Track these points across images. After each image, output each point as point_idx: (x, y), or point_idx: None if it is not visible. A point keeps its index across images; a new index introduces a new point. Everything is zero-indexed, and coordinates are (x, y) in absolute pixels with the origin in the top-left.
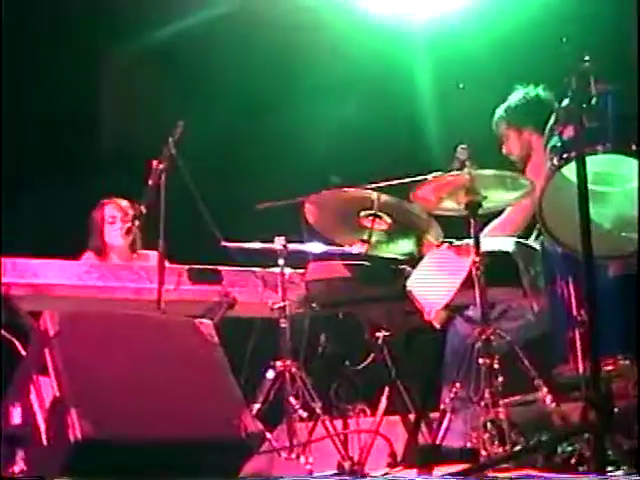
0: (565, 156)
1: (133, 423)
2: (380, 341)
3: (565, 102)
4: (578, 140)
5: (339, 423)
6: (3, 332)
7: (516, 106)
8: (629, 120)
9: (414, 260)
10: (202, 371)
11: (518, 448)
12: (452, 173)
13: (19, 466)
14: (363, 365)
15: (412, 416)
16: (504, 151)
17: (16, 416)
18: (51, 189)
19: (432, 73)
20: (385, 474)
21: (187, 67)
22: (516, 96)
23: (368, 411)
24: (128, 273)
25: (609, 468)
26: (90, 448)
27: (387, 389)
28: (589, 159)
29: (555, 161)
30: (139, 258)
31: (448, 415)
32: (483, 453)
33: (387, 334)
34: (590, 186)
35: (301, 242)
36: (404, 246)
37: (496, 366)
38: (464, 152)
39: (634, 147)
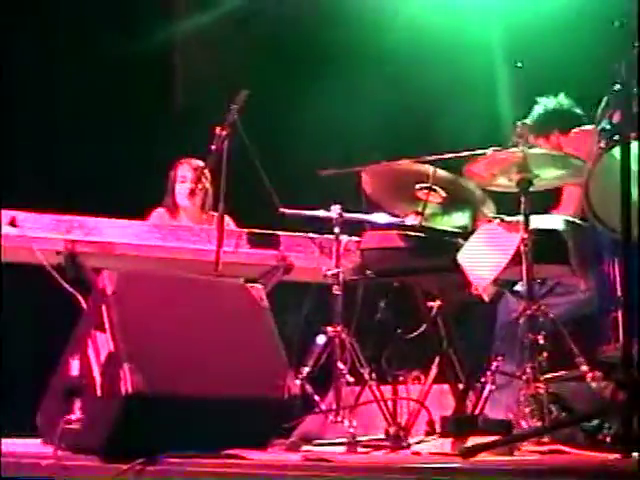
0: (613, 139)
1: (181, 380)
2: (433, 311)
3: (616, 87)
4: (626, 124)
5: (388, 389)
6: (69, 287)
7: (539, 117)
8: None
9: (468, 233)
10: (249, 333)
11: (548, 424)
12: (504, 150)
13: (76, 415)
14: (415, 334)
15: (461, 386)
16: None
17: (75, 368)
18: (123, 143)
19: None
20: (420, 442)
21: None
22: (538, 109)
23: (422, 378)
24: (189, 234)
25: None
26: (141, 401)
27: (438, 358)
28: (636, 144)
29: (603, 144)
30: (208, 219)
31: (488, 387)
32: (522, 426)
33: (440, 304)
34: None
35: (358, 211)
36: (459, 219)
37: (541, 342)
38: (523, 128)
39: None
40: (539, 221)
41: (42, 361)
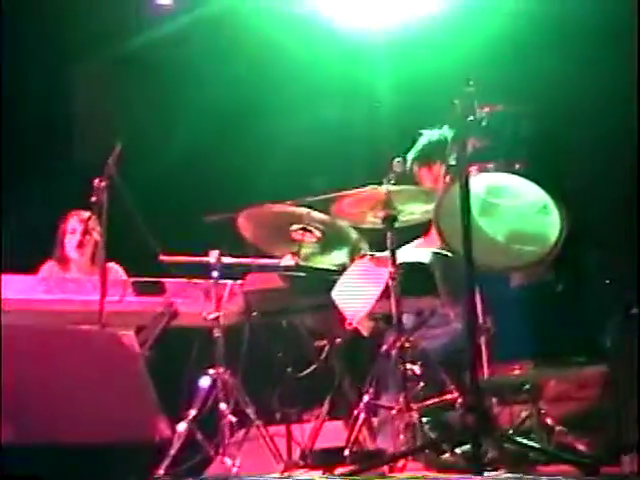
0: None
1: (52, 429)
2: (324, 349)
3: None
4: (459, 162)
5: (275, 429)
6: None
7: (423, 148)
8: (523, 139)
9: (343, 270)
10: (121, 380)
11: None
12: (367, 189)
13: None
14: (306, 372)
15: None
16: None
17: None
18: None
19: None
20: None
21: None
22: (423, 140)
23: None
24: (75, 285)
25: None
26: (14, 450)
27: (330, 396)
28: (482, 175)
29: (448, 179)
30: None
31: (361, 419)
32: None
33: (328, 342)
34: (483, 199)
35: (245, 255)
36: (337, 257)
37: (417, 372)
38: (399, 165)
39: (517, 166)
40: (408, 255)
41: None
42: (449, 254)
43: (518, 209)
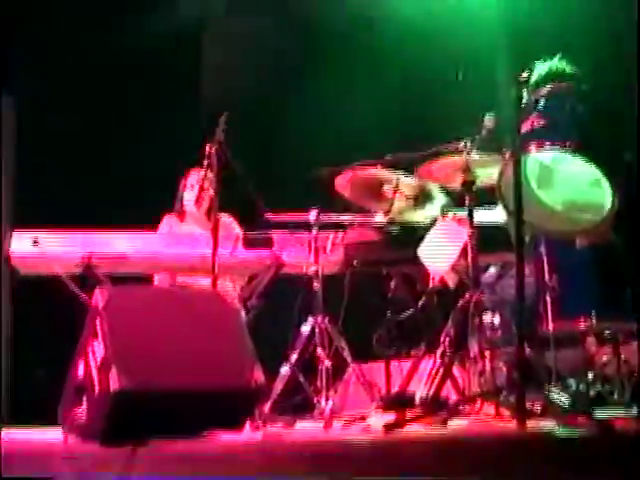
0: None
1: (162, 376)
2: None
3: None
4: (514, 141)
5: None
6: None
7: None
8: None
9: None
10: (220, 333)
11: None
12: (449, 157)
13: (83, 409)
14: (402, 317)
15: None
16: None
17: (80, 370)
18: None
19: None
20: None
21: None
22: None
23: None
24: (191, 240)
25: None
26: (127, 397)
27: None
28: (539, 153)
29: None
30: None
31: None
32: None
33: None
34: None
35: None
36: (429, 210)
37: (490, 322)
38: (491, 120)
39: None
40: (486, 215)
41: (60, 361)
42: None
43: (573, 181)
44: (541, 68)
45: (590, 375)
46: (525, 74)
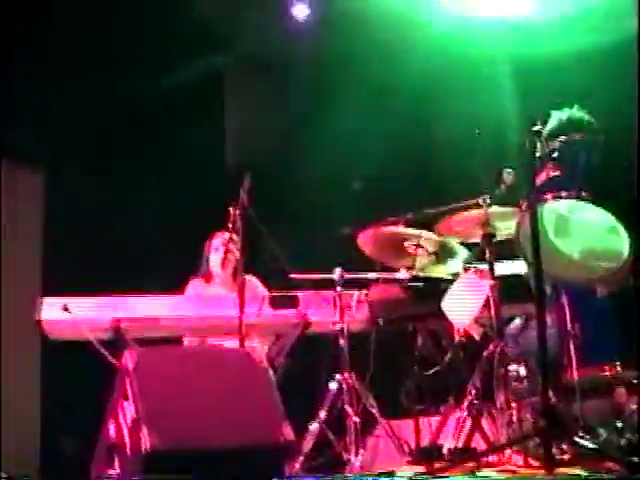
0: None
1: (191, 436)
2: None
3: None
4: (528, 191)
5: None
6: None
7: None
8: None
9: (451, 280)
10: (249, 392)
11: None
12: (469, 211)
13: (115, 469)
14: (431, 372)
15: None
16: None
17: (112, 430)
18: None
19: None
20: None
21: None
22: (553, 119)
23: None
24: (218, 302)
25: None
26: (157, 456)
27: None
28: (555, 203)
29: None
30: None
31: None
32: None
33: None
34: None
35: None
36: (452, 266)
37: (515, 372)
38: (510, 175)
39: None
40: (506, 267)
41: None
42: None
43: (590, 230)
44: (558, 117)
45: (619, 424)
46: (539, 125)
